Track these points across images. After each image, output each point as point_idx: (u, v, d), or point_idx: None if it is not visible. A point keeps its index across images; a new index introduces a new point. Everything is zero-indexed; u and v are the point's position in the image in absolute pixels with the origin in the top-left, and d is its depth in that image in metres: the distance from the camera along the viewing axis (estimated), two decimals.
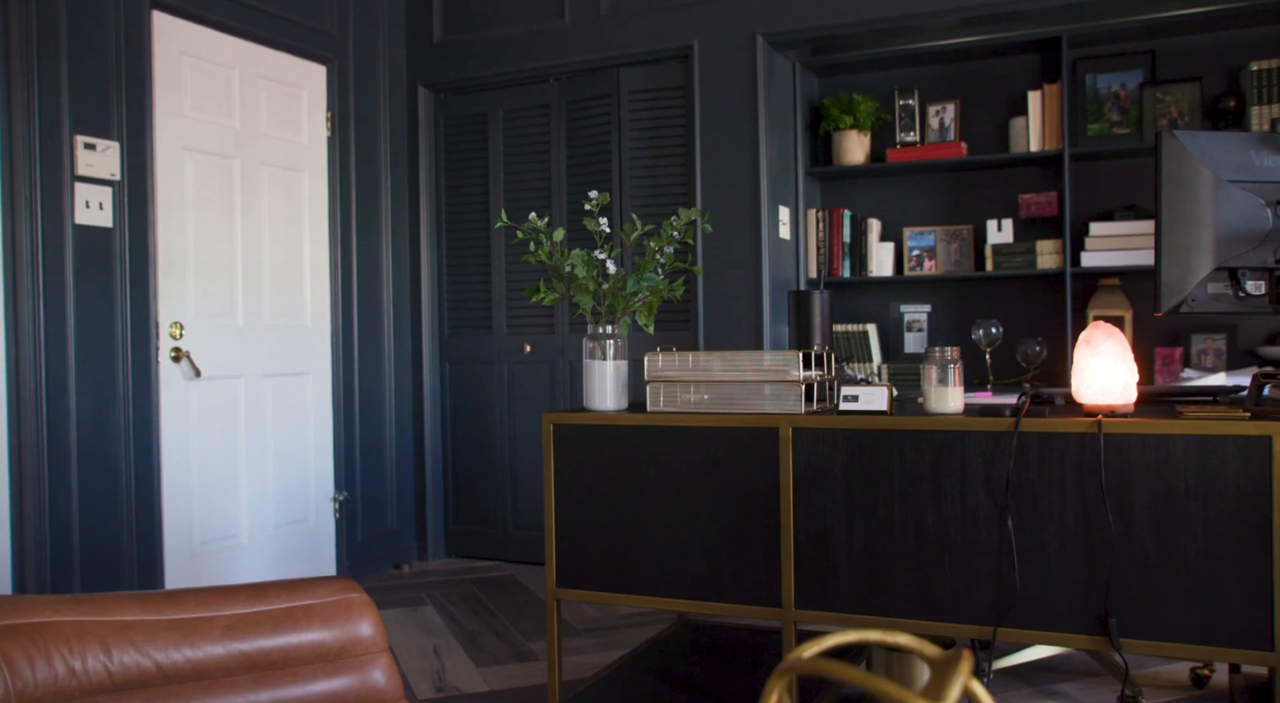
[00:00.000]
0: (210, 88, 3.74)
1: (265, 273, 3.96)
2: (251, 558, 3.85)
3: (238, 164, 3.85)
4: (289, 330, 4.06)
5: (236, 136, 3.84)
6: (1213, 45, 3.92)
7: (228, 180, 3.81)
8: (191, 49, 3.67)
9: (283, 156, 4.04)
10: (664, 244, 2.48)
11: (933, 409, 2.19)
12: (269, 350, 3.95)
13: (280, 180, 4.03)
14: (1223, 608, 1.91)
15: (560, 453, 2.46)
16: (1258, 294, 2.01)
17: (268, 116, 3.98)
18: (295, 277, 4.10)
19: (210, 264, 3.72)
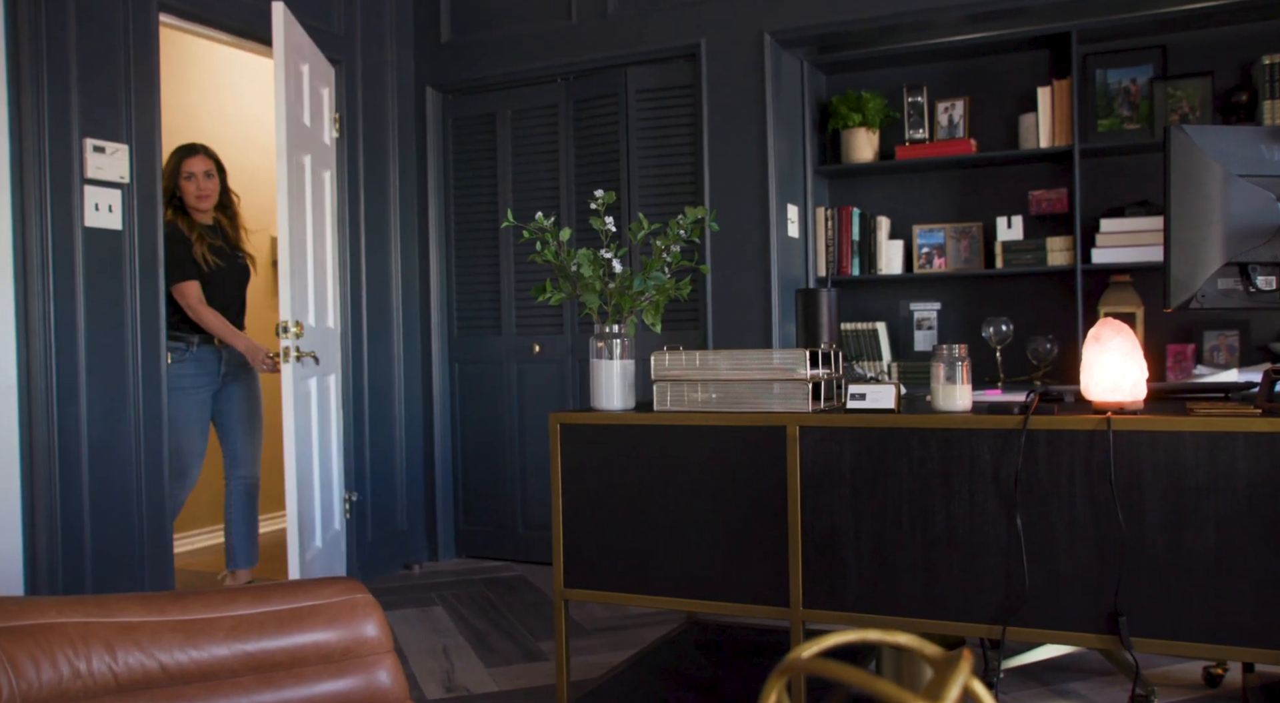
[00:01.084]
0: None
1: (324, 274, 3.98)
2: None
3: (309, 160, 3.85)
4: (324, 332, 4.03)
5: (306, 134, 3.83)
6: (1224, 39, 3.89)
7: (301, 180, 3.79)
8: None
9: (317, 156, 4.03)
10: (670, 243, 2.47)
11: (940, 407, 2.18)
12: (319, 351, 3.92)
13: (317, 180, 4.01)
14: (1234, 606, 1.90)
15: (568, 453, 2.46)
16: (1269, 289, 1.99)
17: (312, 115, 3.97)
18: (322, 277, 4.08)
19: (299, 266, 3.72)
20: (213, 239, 3.82)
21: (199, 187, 3.74)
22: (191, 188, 3.73)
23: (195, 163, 3.73)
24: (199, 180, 3.73)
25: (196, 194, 3.74)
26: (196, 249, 3.71)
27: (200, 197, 3.74)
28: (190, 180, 3.72)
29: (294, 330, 3.44)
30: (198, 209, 3.76)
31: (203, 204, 3.76)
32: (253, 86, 5.37)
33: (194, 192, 3.74)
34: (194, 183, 3.73)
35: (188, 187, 3.72)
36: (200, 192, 3.74)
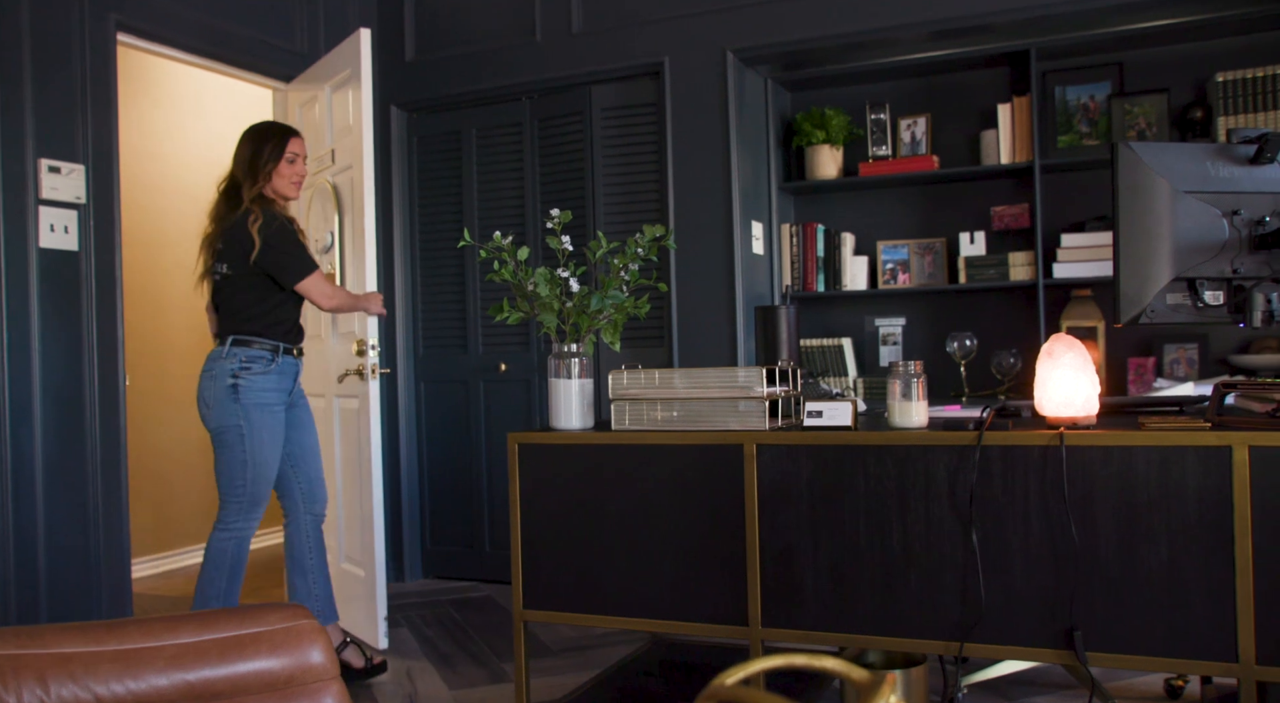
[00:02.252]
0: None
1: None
2: None
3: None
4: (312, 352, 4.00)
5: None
6: (1179, 57, 3.94)
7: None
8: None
9: None
10: (628, 261, 2.47)
11: (897, 424, 2.18)
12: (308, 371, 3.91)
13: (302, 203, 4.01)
14: (1187, 619, 1.90)
15: (526, 473, 2.44)
16: (1216, 304, 2.01)
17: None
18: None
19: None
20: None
21: (300, 171, 3.31)
22: (292, 171, 3.27)
23: (299, 144, 3.30)
24: (300, 164, 3.31)
25: (294, 178, 3.28)
26: (304, 237, 3.29)
27: (296, 182, 3.31)
28: (294, 162, 3.26)
29: (374, 349, 3.53)
30: (288, 196, 3.29)
31: (295, 191, 3.32)
32: (217, 105, 5.34)
33: (294, 175, 3.28)
34: (296, 166, 3.28)
35: (287, 170, 3.24)
36: (299, 175, 3.32)
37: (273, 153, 3.19)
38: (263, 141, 3.20)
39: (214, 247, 3.16)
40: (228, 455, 3.06)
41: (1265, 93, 3.70)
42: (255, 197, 3.15)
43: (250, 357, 3.09)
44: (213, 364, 3.11)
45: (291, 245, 3.12)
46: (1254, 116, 3.70)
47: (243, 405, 3.06)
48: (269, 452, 3.12)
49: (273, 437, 3.13)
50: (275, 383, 3.15)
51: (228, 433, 3.05)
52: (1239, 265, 1.98)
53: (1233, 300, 2.00)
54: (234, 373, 3.06)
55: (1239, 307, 1.99)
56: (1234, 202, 1.98)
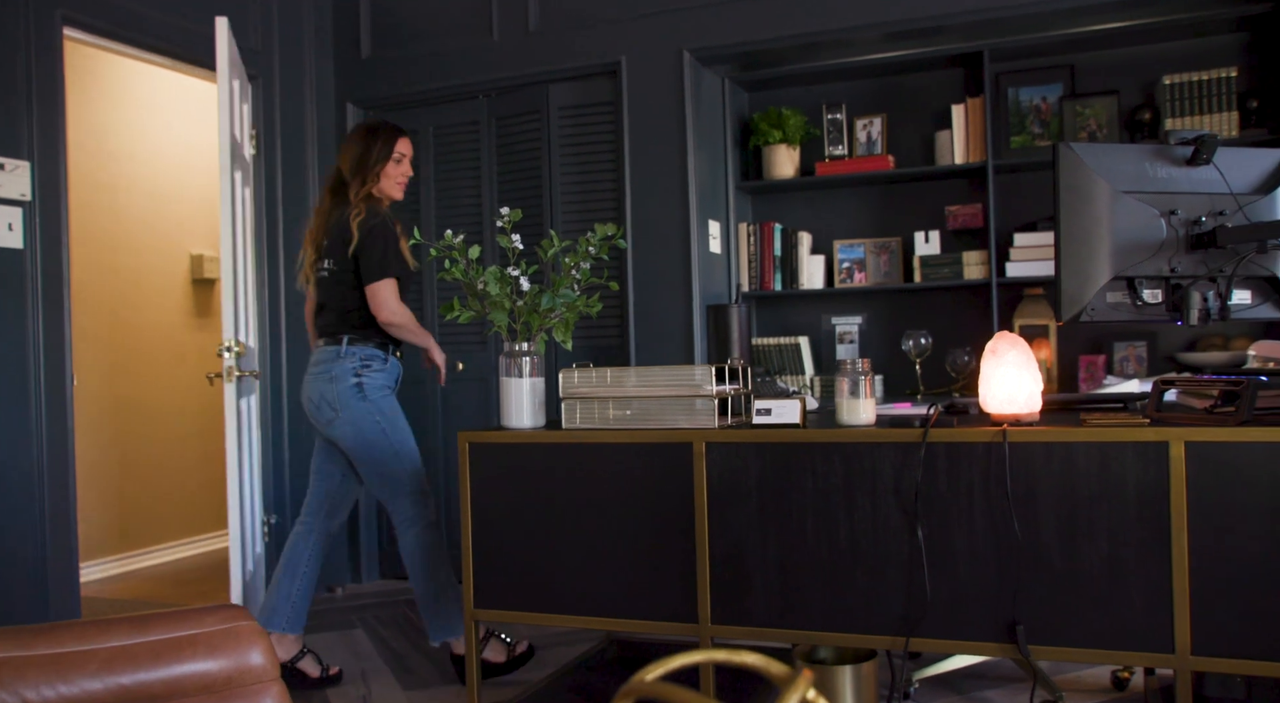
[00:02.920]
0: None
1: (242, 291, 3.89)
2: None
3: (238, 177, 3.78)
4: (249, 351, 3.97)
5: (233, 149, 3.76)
6: (1129, 60, 4.00)
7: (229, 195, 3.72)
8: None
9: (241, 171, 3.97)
10: (579, 260, 2.47)
11: (845, 421, 2.20)
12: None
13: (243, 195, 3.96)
14: (1126, 612, 1.94)
15: (476, 472, 2.43)
16: (1154, 303, 2.04)
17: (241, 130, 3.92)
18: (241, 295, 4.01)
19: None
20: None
21: (405, 171, 3.24)
22: (398, 171, 3.20)
23: (406, 144, 3.24)
24: (406, 165, 3.24)
25: (400, 178, 3.22)
26: (405, 241, 3.16)
27: (401, 183, 3.24)
28: (399, 162, 3.20)
29: (236, 349, 3.38)
30: (393, 196, 3.23)
31: (400, 192, 3.25)
32: (174, 103, 5.27)
33: (400, 175, 3.21)
34: (402, 166, 3.21)
35: (394, 169, 3.18)
36: (405, 175, 3.24)
37: (381, 152, 3.14)
38: (371, 141, 3.15)
39: (318, 243, 3.12)
40: (375, 455, 3.01)
41: (1211, 96, 3.77)
42: (363, 196, 3.11)
43: (368, 355, 3.06)
44: (330, 365, 3.05)
45: (380, 243, 3.02)
46: (1200, 119, 3.77)
47: (372, 401, 3.02)
48: (408, 436, 3.10)
49: (405, 423, 3.11)
50: (387, 381, 3.12)
51: (368, 432, 3.00)
52: (1176, 264, 2.01)
53: (1170, 298, 2.04)
54: (356, 371, 3.03)
55: (1176, 305, 2.02)
56: (1171, 202, 2.02)
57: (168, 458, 5.24)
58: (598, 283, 2.56)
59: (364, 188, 3.11)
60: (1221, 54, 3.86)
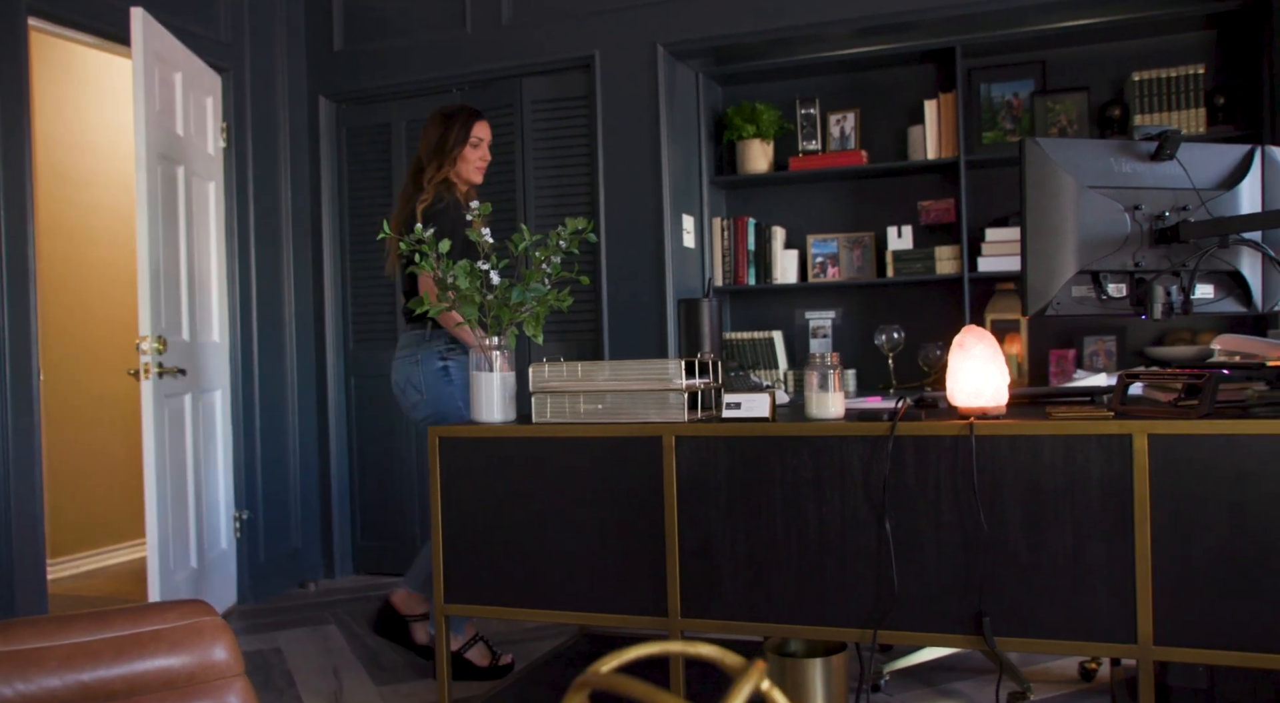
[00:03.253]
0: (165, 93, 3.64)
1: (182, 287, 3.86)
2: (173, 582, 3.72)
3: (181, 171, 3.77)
4: (204, 346, 3.94)
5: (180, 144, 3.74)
6: (1099, 56, 4.03)
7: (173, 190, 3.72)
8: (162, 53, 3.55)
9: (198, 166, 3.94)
10: (550, 254, 2.46)
11: (814, 415, 2.21)
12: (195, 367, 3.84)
13: (196, 190, 3.93)
14: (1090, 603, 1.96)
15: (447, 466, 2.43)
16: (1119, 297, 2.06)
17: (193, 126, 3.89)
18: (204, 290, 3.99)
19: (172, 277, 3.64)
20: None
21: (484, 155, 3.23)
22: (476, 156, 3.20)
23: (485, 128, 3.23)
24: (484, 149, 3.23)
25: (478, 162, 3.21)
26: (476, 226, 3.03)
27: (480, 167, 3.23)
28: (477, 147, 3.20)
29: (155, 346, 3.34)
30: (472, 180, 3.23)
31: (478, 176, 3.24)
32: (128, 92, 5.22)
33: (478, 159, 3.21)
34: (480, 150, 3.21)
35: (471, 153, 3.18)
36: (483, 160, 3.24)
37: (458, 136, 3.15)
38: (449, 124, 3.16)
39: (400, 229, 3.07)
40: None
41: (1179, 92, 3.80)
42: (440, 180, 3.12)
43: (454, 337, 3.05)
44: (415, 349, 3.08)
45: (441, 230, 2.92)
46: (1168, 115, 3.80)
47: (457, 385, 3.04)
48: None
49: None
50: (461, 371, 3.09)
51: (451, 416, 3.00)
52: (1140, 259, 2.03)
53: (1135, 293, 2.05)
54: (442, 355, 3.05)
55: (1140, 299, 2.04)
56: (1135, 197, 2.03)
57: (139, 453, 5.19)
58: (568, 277, 2.55)
59: (440, 172, 3.13)
60: (1190, 51, 3.90)
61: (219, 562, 3.98)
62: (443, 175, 3.13)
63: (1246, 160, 2.11)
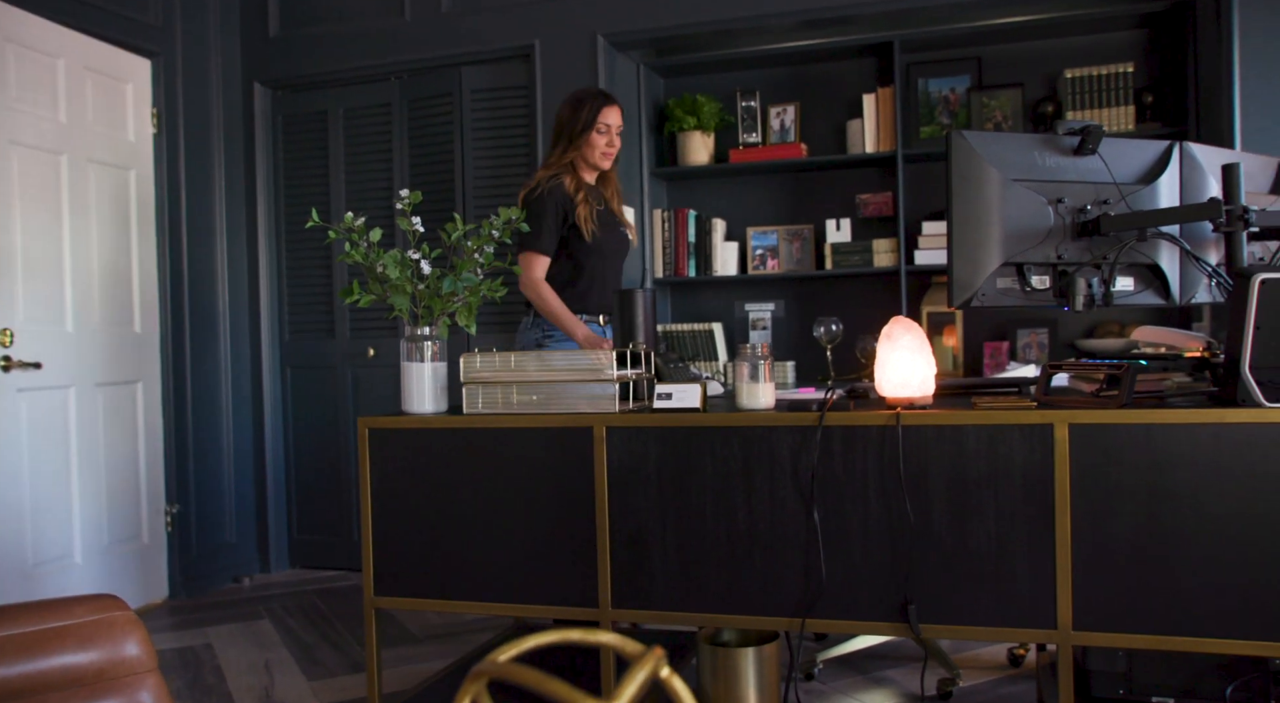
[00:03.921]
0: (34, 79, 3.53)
1: (95, 276, 3.76)
2: (85, 578, 3.64)
3: (65, 160, 3.65)
4: (120, 337, 3.86)
5: (62, 131, 3.64)
6: (1033, 53, 4.09)
7: (54, 177, 3.60)
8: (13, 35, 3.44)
9: (110, 154, 3.84)
10: (482, 244, 2.44)
11: (744, 405, 2.22)
12: (101, 358, 3.76)
13: (109, 179, 3.84)
14: (1012, 590, 1.99)
15: (376, 458, 2.40)
16: (1043, 288, 2.09)
17: (94, 112, 3.78)
18: (124, 280, 3.90)
19: (40, 266, 3.52)
20: (598, 203, 3.18)
21: (611, 141, 3.16)
22: (603, 141, 3.13)
23: (614, 114, 3.15)
24: (612, 135, 3.15)
25: (605, 147, 3.14)
26: (580, 211, 3.08)
27: (606, 154, 3.16)
28: (605, 133, 3.13)
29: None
30: (599, 165, 3.16)
31: (606, 162, 3.18)
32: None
33: (604, 145, 3.14)
34: (608, 136, 3.14)
35: (598, 140, 3.12)
36: (611, 146, 3.16)
37: (587, 121, 3.11)
38: (578, 108, 3.13)
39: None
40: None
41: (1109, 90, 3.87)
42: (564, 164, 3.11)
43: (551, 325, 3.08)
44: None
45: (531, 216, 3.01)
46: (1099, 112, 3.87)
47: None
48: None
49: None
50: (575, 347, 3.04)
51: None
52: (1063, 251, 2.06)
53: (1057, 285, 2.09)
54: (538, 342, 3.11)
55: (1063, 291, 2.07)
56: (1059, 190, 2.06)
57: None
58: (501, 267, 2.53)
59: (565, 156, 3.12)
60: (1121, 50, 3.97)
61: (143, 556, 3.91)
62: (568, 159, 3.13)
63: (1165, 156, 2.15)
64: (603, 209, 3.18)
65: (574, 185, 3.10)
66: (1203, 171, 2.17)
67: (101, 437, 3.75)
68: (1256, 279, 1.85)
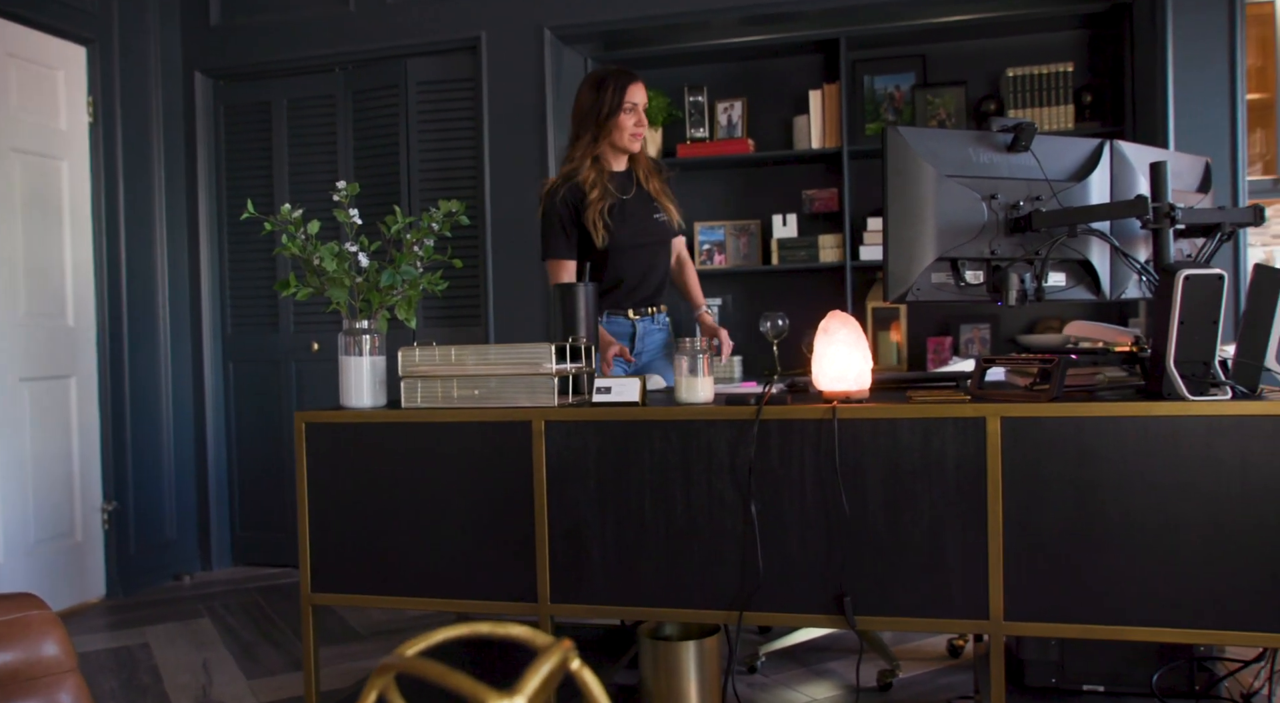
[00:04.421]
0: None
1: (20, 268, 3.67)
2: (8, 577, 3.56)
3: None
4: (48, 330, 3.78)
5: None
6: (976, 52, 4.14)
7: None
8: None
9: (38, 143, 3.75)
10: (421, 237, 2.42)
11: (683, 399, 2.22)
12: (25, 352, 3.67)
13: (36, 168, 3.75)
14: (945, 581, 2.01)
15: (314, 453, 2.37)
16: (977, 283, 2.12)
17: (19, 98, 3.69)
18: (55, 272, 3.82)
19: None
20: (623, 193, 2.94)
21: (640, 120, 2.91)
22: (631, 122, 2.89)
23: (639, 91, 2.91)
24: (639, 113, 2.91)
25: (634, 131, 2.90)
26: (589, 214, 2.86)
27: (635, 135, 2.91)
28: (631, 112, 2.88)
29: None
30: (628, 148, 2.93)
31: (635, 144, 2.92)
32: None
33: (633, 125, 2.89)
34: (634, 115, 2.89)
35: (626, 120, 2.87)
36: (639, 127, 2.91)
37: (613, 103, 2.85)
38: (601, 90, 2.87)
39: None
40: None
41: (1049, 89, 3.93)
42: (592, 156, 2.90)
43: (610, 316, 2.98)
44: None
45: (542, 221, 2.92)
46: (1040, 111, 3.93)
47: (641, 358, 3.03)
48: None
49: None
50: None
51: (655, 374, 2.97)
52: (996, 247, 2.09)
53: (991, 280, 2.11)
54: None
55: (996, 286, 2.10)
56: (992, 186, 2.09)
57: None
58: (441, 260, 2.51)
59: (595, 145, 2.89)
60: (1061, 49, 4.03)
61: (76, 555, 3.83)
62: (598, 148, 2.90)
63: (1096, 154, 2.18)
64: (629, 198, 2.94)
65: (592, 181, 2.88)
66: (1133, 170, 2.20)
67: (28, 432, 3.66)
68: (1181, 275, 1.89)
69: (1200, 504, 1.88)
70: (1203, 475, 1.88)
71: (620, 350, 2.83)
